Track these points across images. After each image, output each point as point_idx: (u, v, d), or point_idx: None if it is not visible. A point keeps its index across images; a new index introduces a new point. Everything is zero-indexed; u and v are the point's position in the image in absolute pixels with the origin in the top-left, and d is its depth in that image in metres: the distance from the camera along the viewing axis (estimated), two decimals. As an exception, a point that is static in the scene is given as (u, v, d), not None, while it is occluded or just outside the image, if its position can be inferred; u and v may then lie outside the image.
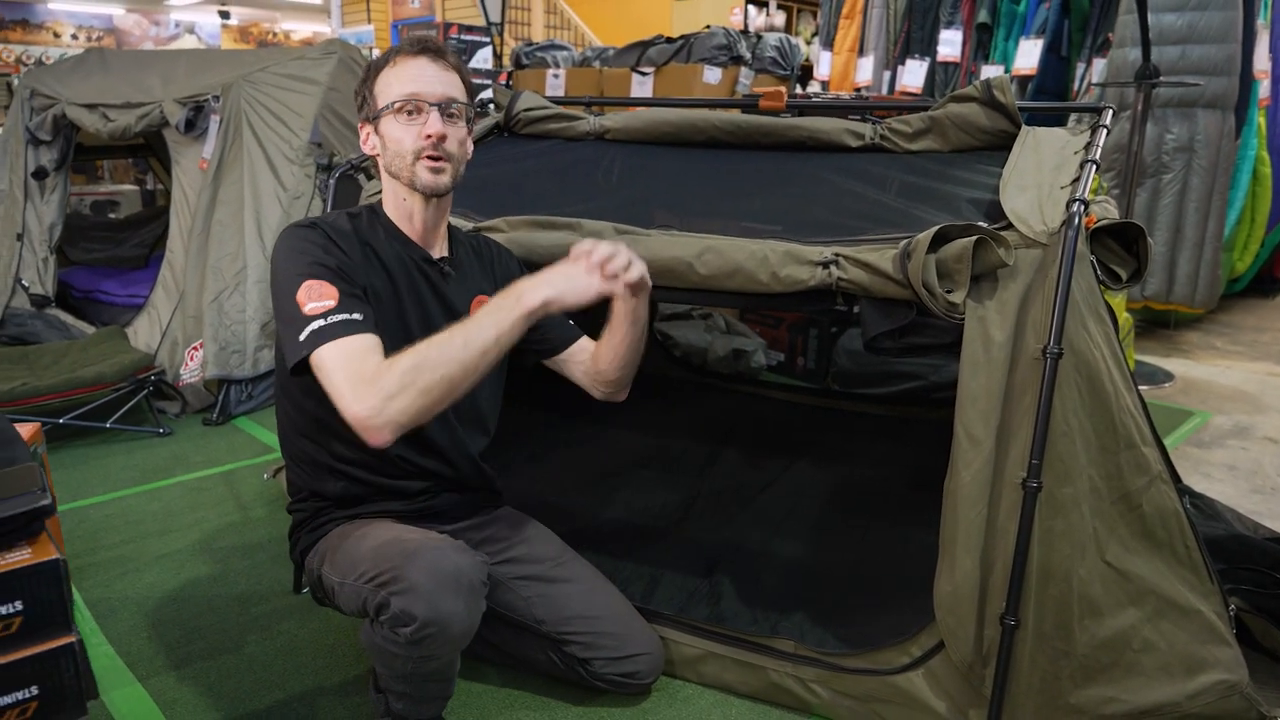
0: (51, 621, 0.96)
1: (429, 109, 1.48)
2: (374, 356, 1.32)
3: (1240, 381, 3.97)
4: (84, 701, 1.00)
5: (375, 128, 1.54)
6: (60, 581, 0.96)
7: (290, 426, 1.60)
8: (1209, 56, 4.08)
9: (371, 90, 1.53)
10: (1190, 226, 4.27)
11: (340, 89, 3.62)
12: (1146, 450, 1.54)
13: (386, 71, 1.51)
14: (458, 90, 1.53)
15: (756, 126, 2.09)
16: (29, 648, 0.95)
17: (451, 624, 1.29)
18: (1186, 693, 1.51)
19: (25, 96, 4.12)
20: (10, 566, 0.93)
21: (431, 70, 1.50)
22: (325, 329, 1.33)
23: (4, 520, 0.93)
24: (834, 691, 1.64)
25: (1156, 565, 1.55)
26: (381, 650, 1.36)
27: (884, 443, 2.75)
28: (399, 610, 1.28)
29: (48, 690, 0.96)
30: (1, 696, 0.93)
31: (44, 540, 0.98)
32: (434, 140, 1.48)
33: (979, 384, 1.47)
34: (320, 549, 1.54)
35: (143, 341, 3.41)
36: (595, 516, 2.27)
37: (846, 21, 5.99)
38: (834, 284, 1.56)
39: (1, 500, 0.94)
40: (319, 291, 1.36)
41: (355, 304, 1.39)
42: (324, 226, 1.48)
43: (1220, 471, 2.93)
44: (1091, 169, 1.54)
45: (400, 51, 1.52)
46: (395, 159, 1.51)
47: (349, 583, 1.39)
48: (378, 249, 1.53)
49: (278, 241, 1.48)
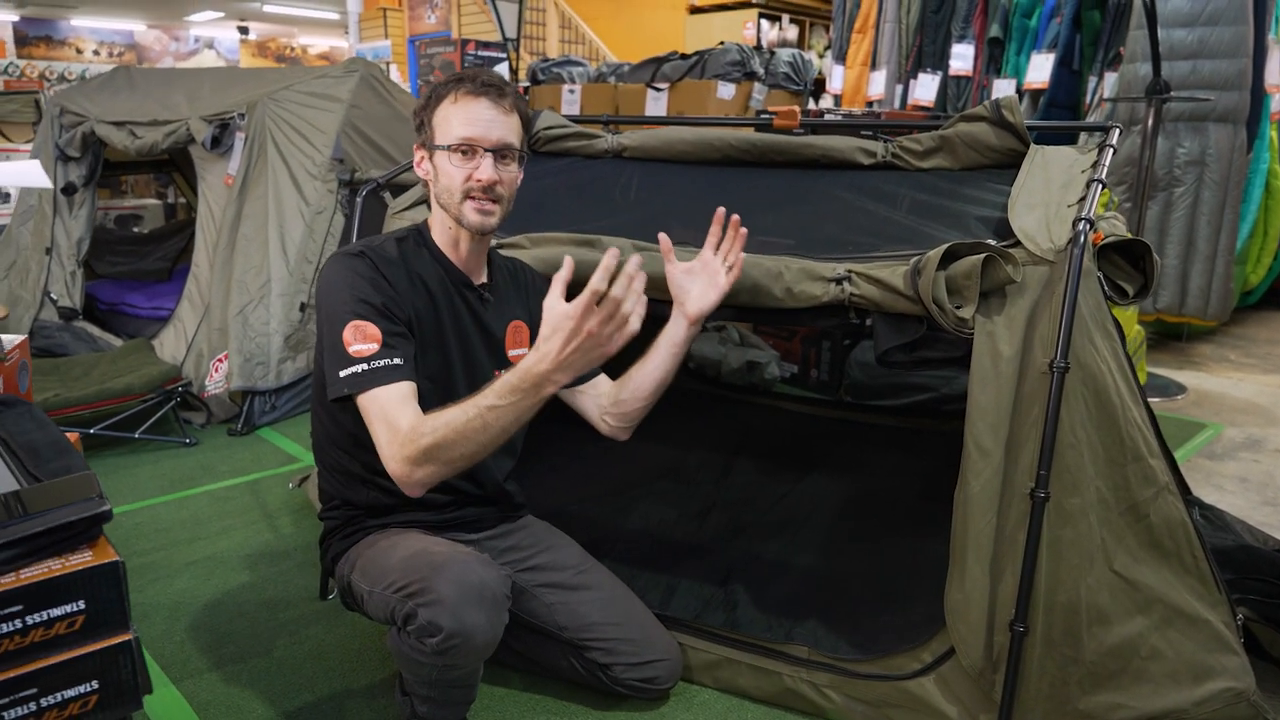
0: (111, 620, 1.02)
1: (483, 154, 1.52)
2: (408, 411, 1.40)
3: (1253, 394, 3.99)
4: (140, 695, 1.06)
5: (430, 156, 1.58)
6: (119, 582, 1.02)
7: (325, 436, 1.67)
8: (1220, 71, 4.12)
9: (430, 120, 1.57)
10: (1202, 240, 4.30)
11: (361, 106, 3.70)
12: (1154, 462, 1.58)
13: (446, 105, 1.54)
14: (514, 135, 1.56)
15: (771, 145, 2.14)
16: (90, 644, 1.01)
17: (475, 636, 1.34)
18: (1194, 699, 1.54)
19: (55, 114, 4.23)
20: (74, 568, 0.99)
21: (490, 114, 1.53)
22: (367, 374, 1.42)
23: (66, 525, 1.00)
24: (847, 697, 1.68)
25: (1164, 574, 1.58)
26: (408, 657, 1.41)
27: (896, 453, 2.78)
28: (426, 621, 1.33)
29: (107, 684, 1.02)
30: (65, 690, 0.99)
31: (103, 543, 1.04)
32: (484, 185, 1.53)
33: (988, 397, 1.51)
34: (351, 556, 1.60)
35: (169, 354, 3.49)
36: (614, 526, 2.32)
37: (859, 36, 6.04)
38: (847, 300, 1.62)
39: (63, 506, 1.01)
40: (364, 333, 1.44)
41: (397, 346, 1.46)
42: (372, 256, 1.53)
43: (1232, 483, 2.95)
44: (1098, 188, 1.59)
45: (463, 88, 1.54)
46: (445, 194, 1.56)
47: (378, 591, 1.44)
48: (423, 275, 1.59)
49: (326, 267, 1.54)
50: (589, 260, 1.84)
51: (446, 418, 1.35)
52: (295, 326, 3.36)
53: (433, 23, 10.07)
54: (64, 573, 0.98)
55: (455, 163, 1.53)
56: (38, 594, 0.97)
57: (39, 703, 0.98)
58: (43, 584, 0.97)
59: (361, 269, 1.51)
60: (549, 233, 1.95)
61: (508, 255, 1.86)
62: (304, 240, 3.41)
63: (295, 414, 3.40)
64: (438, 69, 5.67)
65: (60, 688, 1.00)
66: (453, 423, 1.34)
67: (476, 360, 1.66)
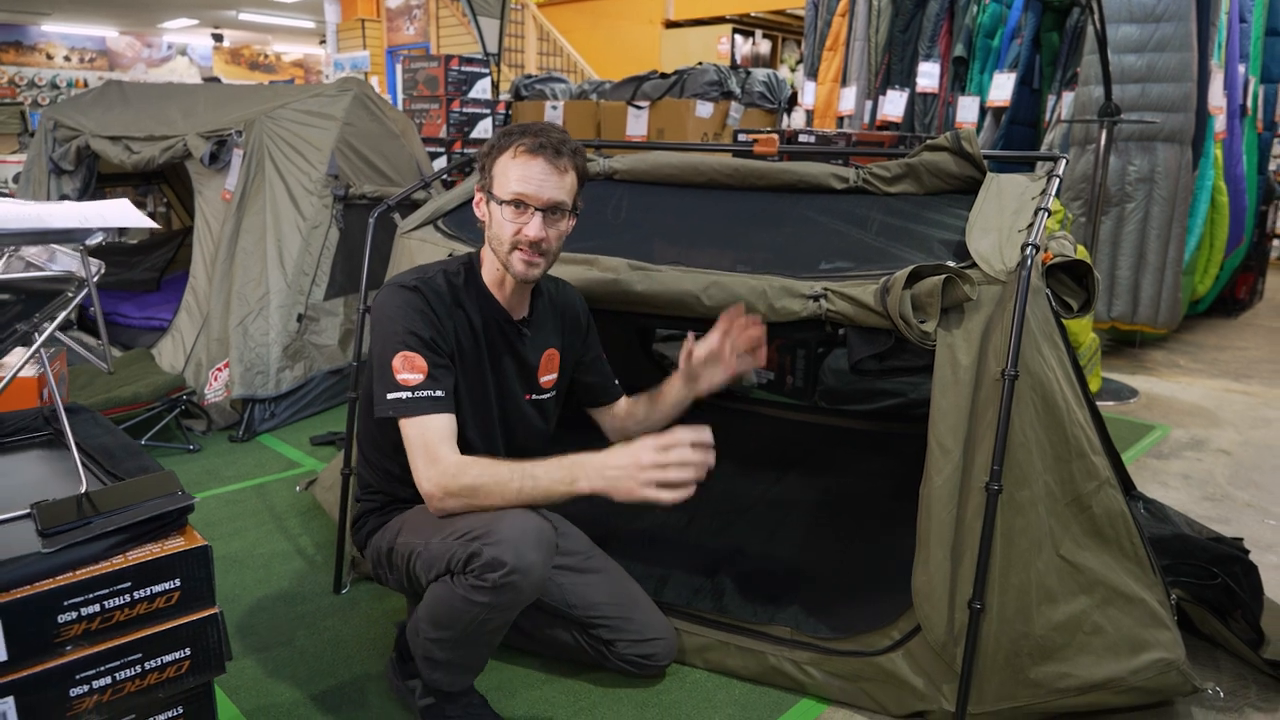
0: (201, 596, 1.17)
1: (534, 212, 1.64)
2: (448, 447, 1.58)
3: (1200, 397, 4.24)
4: (224, 661, 1.21)
5: (487, 201, 1.71)
6: (209, 563, 1.18)
7: (369, 439, 1.83)
8: (1167, 94, 4.38)
9: (490, 168, 1.68)
10: (1152, 252, 4.56)
11: (355, 124, 3.84)
12: (1096, 459, 1.78)
13: (506, 158, 1.65)
14: (566, 193, 1.67)
15: (752, 170, 2.33)
16: (184, 616, 1.17)
17: (532, 572, 1.49)
18: (1130, 669, 1.74)
19: (49, 128, 4.33)
20: (170, 551, 1.14)
21: (544, 173, 1.63)
22: (411, 401, 1.59)
23: (163, 515, 1.15)
24: (825, 672, 1.86)
25: (1105, 559, 1.78)
26: (454, 604, 1.53)
27: (867, 455, 2.98)
28: (491, 558, 1.47)
29: (197, 651, 1.18)
30: (164, 655, 1.15)
31: (190, 531, 1.19)
32: (531, 241, 1.66)
33: (948, 402, 1.70)
34: (391, 528, 1.74)
35: (167, 363, 3.60)
36: (607, 524, 2.48)
37: (830, 53, 6.27)
38: (823, 315, 1.80)
39: (154, 499, 1.16)
40: (412, 364, 1.61)
41: (440, 378, 1.63)
42: (424, 290, 1.68)
43: (1176, 481, 3.18)
44: (1044, 216, 1.79)
45: (523, 144, 1.64)
46: (496, 241, 1.70)
47: (435, 541, 1.57)
48: (468, 310, 1.74)
49: (381, 295, 1.70)
50: (586, 278, 2.03)
51: (493, 471, 1.55)
52: (293, 337, 3.49)
53: (411, 34, 10.19)
54: (163, 555, 1.13)
55: (508, 216, 1.65)
56: (142, 573, 1.12)
57: (143, 665, 1.13)
58: (146, 564, 1.12)
59: (415, 302, 1.66)
60: (549, 252, 2.11)
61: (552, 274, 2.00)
62: (301, 254, 3.54)
63: (294, 421, 3.52)
64: (421, 83, 5.81)
65: (160, 653, 1.15)
66: (497, 476, 1.54)
67: (510, 390, 1.82)
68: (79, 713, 1.09)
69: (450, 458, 1.57)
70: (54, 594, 1.06)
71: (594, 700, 1.86)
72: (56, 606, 1.06)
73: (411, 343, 1.62)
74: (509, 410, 1.82)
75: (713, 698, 1.88)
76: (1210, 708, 1.87)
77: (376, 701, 1.84)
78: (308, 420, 3.55)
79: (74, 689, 1.09)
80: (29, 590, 1.04)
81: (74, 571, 1.08)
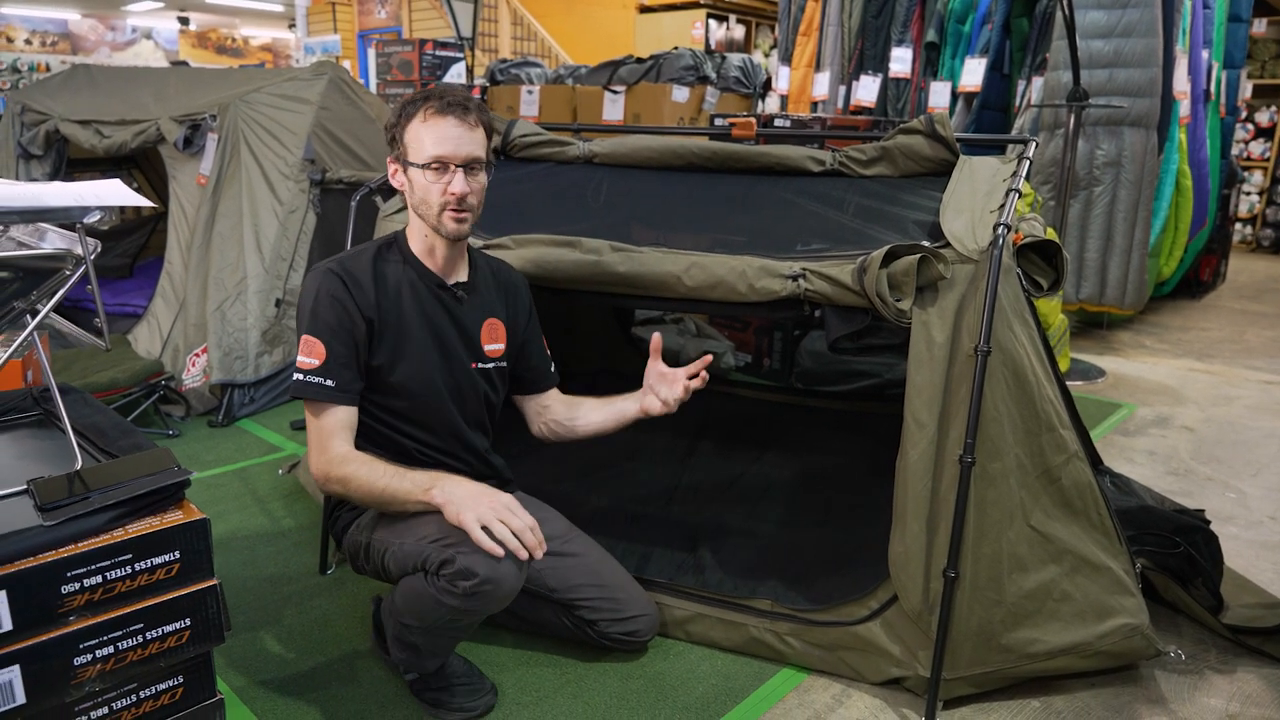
0: (200, 568, 1.19)
1: (454, 170, 1.68)
2: (337, 434, 1.68)
3: (1165, 376, 4.35)
4: (223, 632, 1.23)
5: (404, 170, 1.75)
6: (207, 535, 1.20)
7: None
8: (1133, 79, 4.46)
9: (402, 136, 1.71)
10: (1119, 235, 4.65)
11: (330, 108, 3.83)
12: (1065, 433, 1.84)
13: (416, 124, 1.68)
14: (480, 148, 1.71)
15: (730, 153, 2.36)
16: (184, 588, 1.19)
17: (504, 583, 1.53)
18: (1097, 634, 1.81)
19: (17, 112, 4.26)
20: (169, 524, 1.16)
21: (457, 131, 1.67)
22: (304, 385, 1.68)
23: (160, 490, 1.17)
24: (805, 643, 1.91)
25: (1074, 529, 1.85)
26: (425, 601, 1.57)
27: (843, 434, 3.04)
28: (464, 566, 1.50)
29: (197, 622, 1.20)
30: (165, 626, 1.17)
31: (187, 505, 1.21)
32: (458, 197, 1.70)
33: (923, 377, 1.75)
34: (363, 522, 1.76)
35: (143, 348, 3.58)
36: (589, 503, 2.52)
37: (804, 38, 6.31)
38: (802, 294, 1.84)
39: (152, 474, 1.18)
40: (310, 349, 1.68)
41: (335, 368, 1.68)
42: (341, 273, 1.71)
43: (1141, 456, 3.27)
44: (1015, 196, 1.84)
45: (430, 107, 1.68)
46: (423, 205, 1.73)
47: (408, 543, 1.61)
48: (397, 282, 1.77)
49: (305, 278, 1.75)
50: (568, 260, 2.06)
51: (369, 468, 1.64)
52: (271, 322, 3.48)
53: (383, 18, 10.09)
54: (162, 528, 1.15)
55: (430, 179, 1.69)
56: (143, 545, 1.14)
57: (145, 635, 1.15)
58: (146, 537, 1.14)
59: (329, 286, 1.70)
60: (531, 234, 2.14)
61: (492, 255, 2.04)
62: (278, 238, 3.53)
63: (273, 406, 3.52)
64: (395, 68, 5.77)
65: (161, 623, 1.17)
66: (372, 472, 1.63)
67: (454, 355, 1.83)
68: (82, 681, 1.11)
69: (337, 448, 1.66)
70: (56, 565, 1.08)
71: (580, 673, 1.90)
72: (59, 577, 1.08)
73: (315, 328, 1.68)
74: (458, 377, 1.84)
75: (696, 669, 1.92)
76: (1172, 670, 1.95)
77: (366, 678, 1.87)
78: (287, 405, 3.55)
79: (77, 658, 1.11)
80: (32, 562, 1.06)
81: (76, 544, 1.10)
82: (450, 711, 1.74)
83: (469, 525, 1.50)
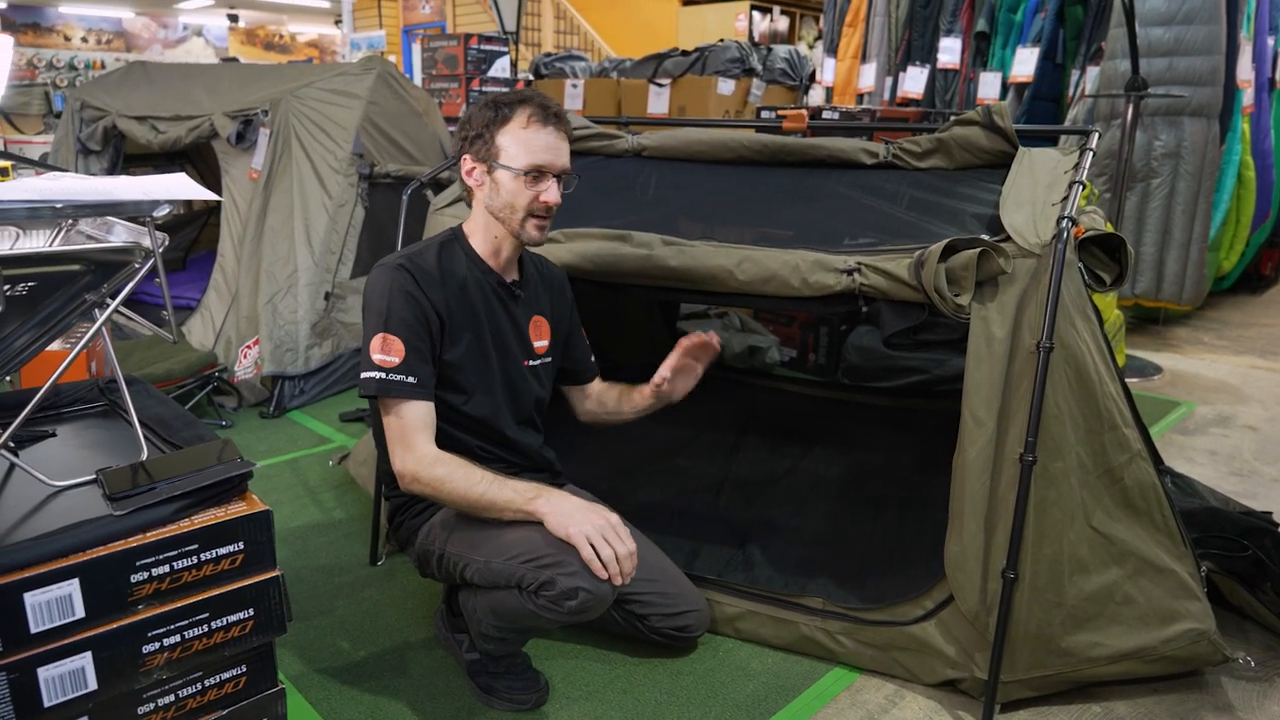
0: (263, 558, 1.21)
1: (550, 179, 1.69)
2: (422, 431, 1.65)
3: (1225, 374, 4.23)
4: (285, 622, 1.25)
5: (488, 170, 1.72)
6: (270, 527, 1.22)
7: (379, 433, 1.85)
8: (1195, 68, 4.33)
9: (493, 138, 1.69)
10: (1178, 228, 4.52)
11: (379, 102, 3.86)
12: (1127, 431, 1.79)
13: (515, 128, 1.67)
14: (569, 158, 1.74)
15: (781, 146, 2.33)
16: (248, 578, 1.21)
17: (608, 597, 1.55)
18: (1161, 638, 1.76)
19: (76, 108, 4.36)
20: (233, 515, 1.18)
21: (557, 142, 1.70)
22: (385, 383, 1.63)
23: (224, 481, 1.18)
24: (857, 642, 1.89)
25: (1136, 531, 1.80)
26: (522, 614, 1.58)
27: (891, 431, 2.99)
28: (568, 587, 1.51)
29: (260, 612, 1.22)
30: (229, 615, 1.19)
31: (250, 496, 1.23)
32: (547, 206, 1.71)
33: (982, 374, 1.71)
34: (435, 530, 1.76)
35: (197, 340, 3.65)
36: (637, 497, 2.52)
37: (850, 29, 6.23)
38: (857, 289, 1.81)
39: (215, 466, 1.19)
40: (389, 346, 1.64)
41: (415, 365, 1.65)
42: (410, 269, 1.69)
43: (1202, 456, 3.18)
44: (1078, 189, 1.79)
45: (532, 114, 1.67)
46: (506, 210, 1.72)
47: (497, 562, 1.59)
48: (462, 279, 1.76)
49: (371, 275, 1.72)
50: (620, 253, 2.05)
51: (464, 472, 1.61)
52: (321, 314, 3.53)
53: (427, 13, 10.17)
54: (227, 519, 1.17)
55: (524, 185, 1.69)
56: (208, 536, 1.16)
57: (210, 625, 1.17)
58: (212, 527, 1.16)
59: (400, 282, 1.67)
60: (582, 228, 2.13)
61: (535, 251, 2.04)
62: (328, 232, 3.58)
63: (323, 397, 3.57)
64: (440, 63, 5.81)
65: (226, 613, 1.19)
66: (469, 476, 1.61)
67: (510, 351, 1.84)
68: (150, 669, 1.14)
69: (424, 447, 1.64)
70: (127, 554, 1.10)
71: (629, 669, 1.89)
72: (129, 566, 1.10)
73: (391, 325, 1.65)
74: (512, 374, 1.84)
75: (746, 666, 1.91)
76: (1240, 677, 1.89)
77: (416, 670, 1.88)
78: (336, 397, 3.60)
79: (146, 646, 1.13)
80: (103, 550, 1.08)
81: (144, 534, 1.12)
82: (502, 701, 1.75)
83: (578, 541, 1.50)
